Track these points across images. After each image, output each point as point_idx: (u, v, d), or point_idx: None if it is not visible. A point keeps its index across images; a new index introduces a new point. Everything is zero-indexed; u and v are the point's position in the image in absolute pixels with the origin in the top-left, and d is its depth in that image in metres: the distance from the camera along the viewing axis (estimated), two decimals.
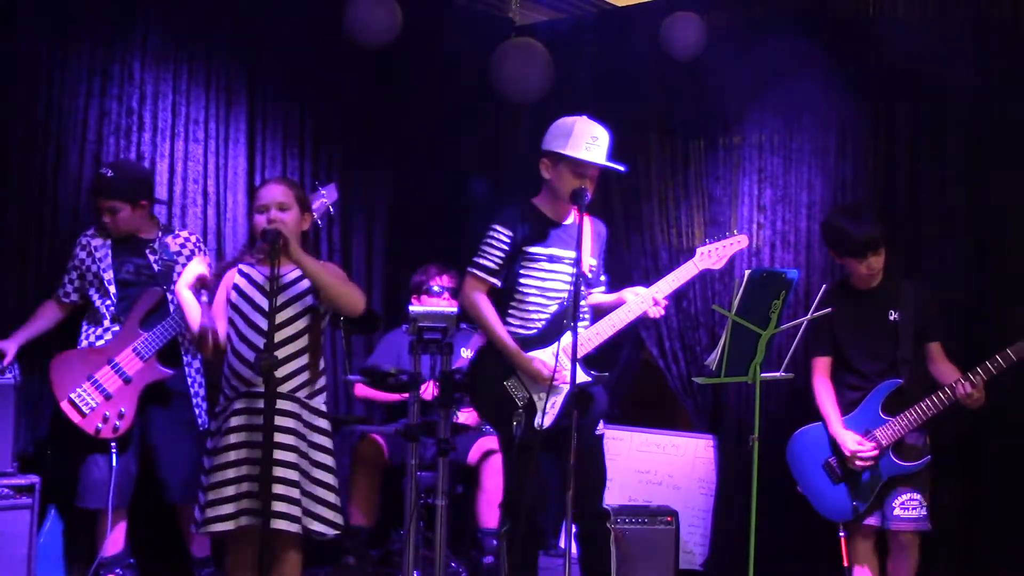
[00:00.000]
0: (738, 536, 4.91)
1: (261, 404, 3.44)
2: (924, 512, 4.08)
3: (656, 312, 3.84)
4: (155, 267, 4.38)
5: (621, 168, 3.88)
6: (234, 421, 3.53)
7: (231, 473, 3.50)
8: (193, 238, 4.61)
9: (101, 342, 4.31)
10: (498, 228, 3.89)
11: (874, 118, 4.92)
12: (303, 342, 3.60)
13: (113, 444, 4.23)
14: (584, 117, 3.89)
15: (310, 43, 5.46)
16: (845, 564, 4.21)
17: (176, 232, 4.57)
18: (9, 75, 4.48)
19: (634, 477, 5.43)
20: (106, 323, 4.34)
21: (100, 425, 4.20)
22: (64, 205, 4.63)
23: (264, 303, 3.52)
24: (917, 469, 4.07)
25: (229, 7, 5.18)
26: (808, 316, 4.14)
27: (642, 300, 3.83)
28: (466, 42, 6.00)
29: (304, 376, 3.59)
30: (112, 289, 4.33)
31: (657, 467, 5.46)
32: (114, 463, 4.23)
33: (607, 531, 3.99)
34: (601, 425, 3.96)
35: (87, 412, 4.21)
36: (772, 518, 4.68)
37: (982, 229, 4.60)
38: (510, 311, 3.91)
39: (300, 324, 3.59)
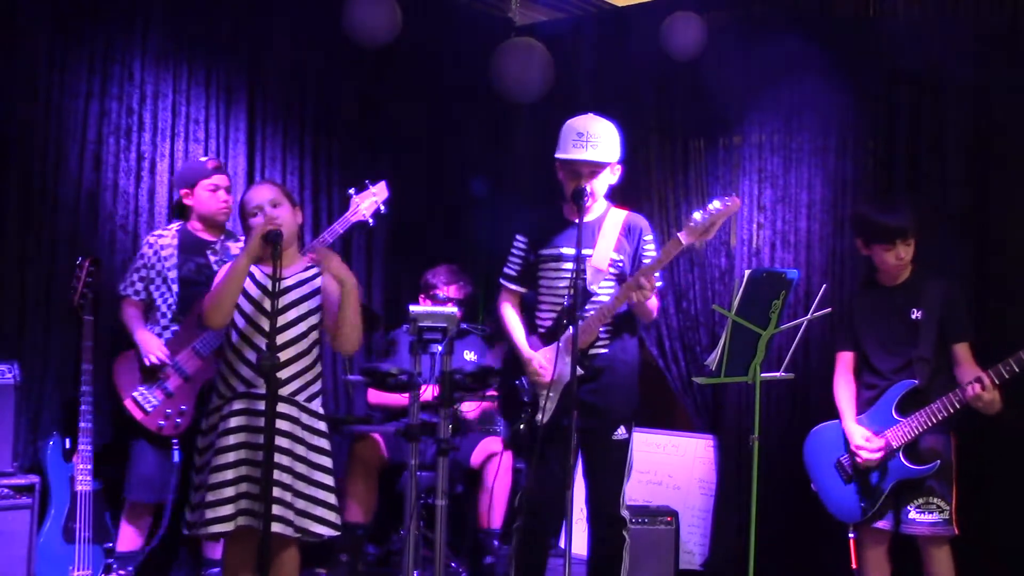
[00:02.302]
0: (738, 536, 4.93)
1: (260, 406, 3.45)
2: (943, 517, 3.94)
3: (640, 296, 3.69)
4: (215, 267, 4.42)
5: (608, 161, 3.86)
6: (234, 421, 3.53)
7: (230, 474, 3.49)
8: None
9: (160, 340, 4.37)
10: (517, 236, 4.04)
11: (874, 118, 4.92)
12: (304, 345, 3.60)
13: (175, 441, 4.29)
14: (586, 115, 3.93)
15: (310, 43, 5.46)
16: (853, 566, 4.18)
17: (238, 237, 4.61)
18: (9, 75, 4.48)
19: (634, 477, 5.40)
20: (164, 322, 4.42)
21: (162, 423, 4.30)
22: (64, 205, 4.63)
23: (267, 304, 3.52)
24: (925, 473, 3.96)
25: (229, 7, 5.18)
26: (808, 316, 4.13)
27: (627, 284, 3.75)
28: (466, 42, 6.00)
29: (304, 379, 3.59)
30: (175, 287, 4.41)
31: (657, 467, 5.46)
32: (176, 459, 4.28)
33: (621, 538, 3.91)
34: (622, 430, 3.90)
35: (149, 410, 4.29)
36: (772, 518, 4.68)
37: (982, 229, 4.60)
38: (536, 312, 3.99)
39: (302, 327, 3.59)
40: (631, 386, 3.95)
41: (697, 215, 3.70)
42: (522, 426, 3.84)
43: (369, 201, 4.56)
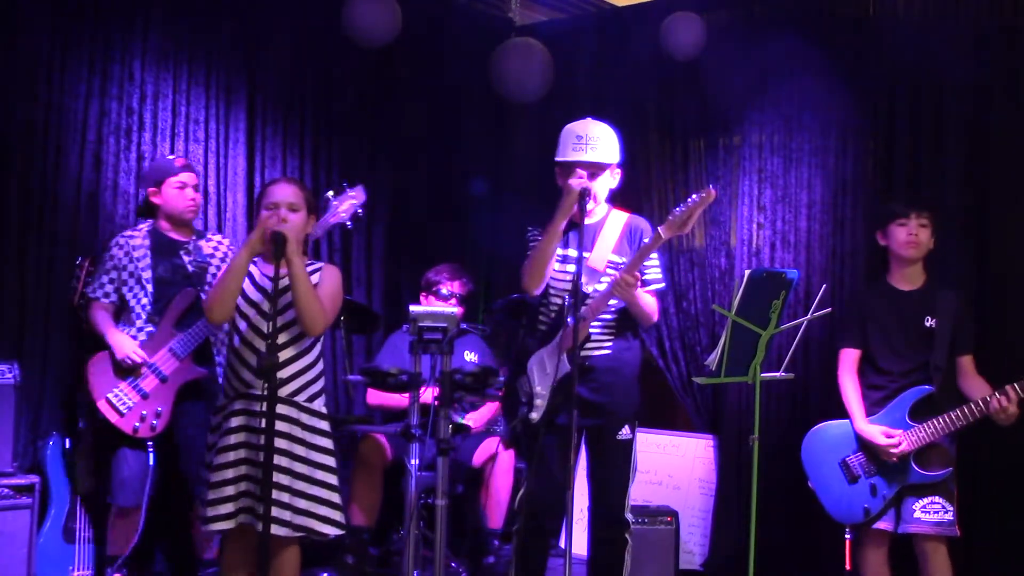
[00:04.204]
0: (738, 536, 4.92)
1: (258, 407, 3.45)
2: (949, 518, 3.96)
3: (624, 291, 3.69)
4: (189, 268, 4.39)
5: (609, 162, 3.85)
6: (234, 422, 3.53)
7: (230, 473, 3.50)
8: (226, 242, 4.61)
9: (136, 342, 4.32)
10: (531, 228, 3.95)
11: (874, 118, 4.92)
12: (303, 345, 3.60)
13: (150, 443, 4.25)
14: (585, 120, 3.91)
15: (310, 43, 5.46)
16: (847, 567, 4.18)
17: (208, 236, 4.59)
18: (9, 75, 4.48)
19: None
20: (140, 323, 4.34)
21: (137, 424, 4.24)
22: (64, 205, 4.63)
23: (266, 305, 3.52)
24: (936, 480, 3.98)
25: (229, 7, 5.18)
26: (808, 316, 4.13)
27: (612, 279, 3.75)
28: (466, 42, 6.00)
29: (303, 379, 3.59)
30: (150, 287, 4.35)
31: (657, 467, 5.46)
32: (151, 462, 4.24)
33: (624, 540, 3.88)
34: (626, 430, 3.88)
35: (124, 411, 4.23)
36: (772, 518, 4.68)
37: (982, 229, 4.60)
38: (539, 311, 3.96)
39: (300, 328, 3.59)
40: (633, 386, 3.94)
41: (677, 209, 3.72)
42: (517, 424, 3.85)
43: (347, 204, 4.54)
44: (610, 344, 3.88)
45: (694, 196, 3.68)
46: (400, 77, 5.82)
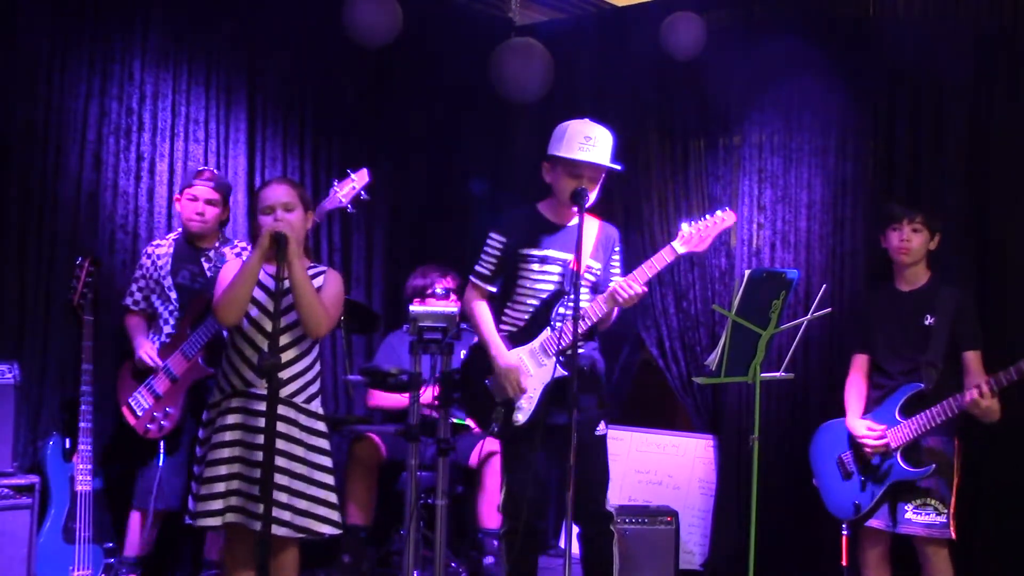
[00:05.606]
0: (738, 536, 4.93)
1: (257, 406, 3.47)
2: (941, 520, 3.96)
3: (630, 301, 3.72)
4: (208, 274, 4.43)
5: (617, 167, 3.85)
6: (230, 419, 3.54)
7: (223, 470, 3.51)
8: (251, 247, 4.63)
9: (153, 344, 4.44)
10: (493, 235, 3.96)
11: (874, 118, 4.92)
12: (304, 346, 3.60)
13: (161, 443, 4.32)
14: (585, 119, 3.89)
15: (310, 43, 5.46)
16: (844, 563, 4.19)
17: (235, 243, 4.61)
18: (9, 75, 4.48)
19: (634, 477, 5.43)
20: (167, 328, 4.46)
21: (150, 426, 4.35)
22: (64, 205, 4.64)
23: (269, 304, 3.53)
24: (919, 476, 3.99)
25: (229, 7, 5.18)
26: (808, 316, 4.14)
27: (615, 289, 3.76)
28: (466, 42, 6.00)
29: (303, 380, 3.59)
30: (173, 295, 4.45)
31: (657, 467, 5.46)
32: (160, 463, 4.30)
33: (610, 533, 3.91)
34: (602, 425, 3.91)
35: (140, 414, 4.37)
36: (772, 518, 4.68)
37: (982, 229, 4.60)
38: (505, 310, 3.95)
39: (301, 329, 3.59)
40: (604, 383, 4.00)
41: (688, 227, 3.74)
42: (495, 427, 3.80)
43: (348, 188, 4.57)
44: (583, 343, 3.88)
45: (710, 217, 3.69)
46: (400, 77, 5.82)
